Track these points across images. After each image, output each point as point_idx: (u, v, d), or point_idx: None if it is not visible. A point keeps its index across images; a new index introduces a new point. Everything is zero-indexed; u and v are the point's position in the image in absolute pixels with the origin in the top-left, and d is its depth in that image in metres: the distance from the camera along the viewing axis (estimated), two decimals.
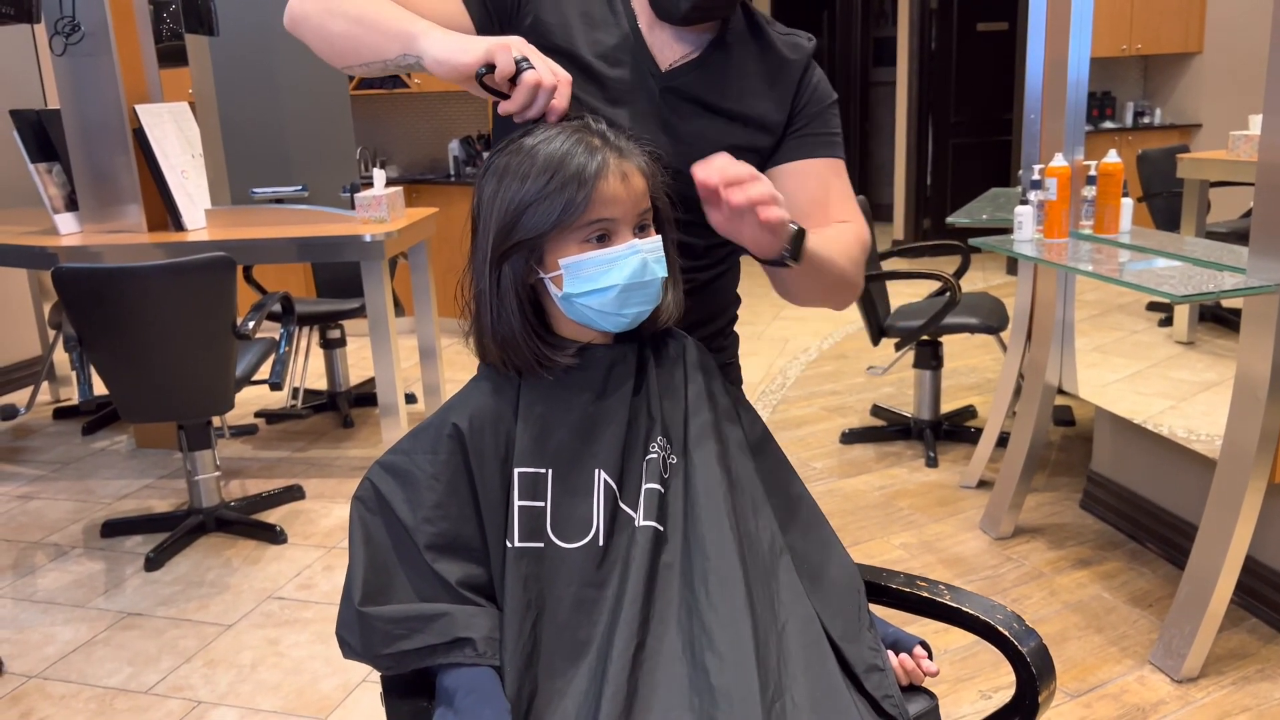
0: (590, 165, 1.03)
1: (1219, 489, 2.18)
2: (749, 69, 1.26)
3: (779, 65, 1.27)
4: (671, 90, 1.23)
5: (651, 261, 1.07)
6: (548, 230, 1.04)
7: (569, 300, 1.07)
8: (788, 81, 1.27)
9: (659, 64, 1.23)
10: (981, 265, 6.78)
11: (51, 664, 2.45)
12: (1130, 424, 2.73)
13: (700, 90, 1.23)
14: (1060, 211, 2.61)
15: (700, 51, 1.24)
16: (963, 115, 7.37)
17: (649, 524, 1.06)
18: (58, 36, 3.33)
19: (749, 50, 1.26)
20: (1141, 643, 2.36)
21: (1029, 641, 1.14)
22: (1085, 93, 2.72)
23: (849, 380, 4.49)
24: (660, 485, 1.08)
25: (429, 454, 1.09)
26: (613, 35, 1.23)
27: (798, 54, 1.29)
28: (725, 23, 1.26)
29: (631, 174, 1.06)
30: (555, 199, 1.02)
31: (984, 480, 3.26)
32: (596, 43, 1.22)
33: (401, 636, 1.03)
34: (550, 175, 1.03)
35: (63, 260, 3.12)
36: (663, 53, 1.24)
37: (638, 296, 1.07)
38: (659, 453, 1.09)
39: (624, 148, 1.07)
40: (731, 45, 1.25)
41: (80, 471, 3.73)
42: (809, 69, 1.30)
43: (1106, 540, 2.86)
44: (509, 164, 1.06)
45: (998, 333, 3.56)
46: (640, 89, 1.22)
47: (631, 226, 1.06)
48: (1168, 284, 2.13)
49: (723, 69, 1.24)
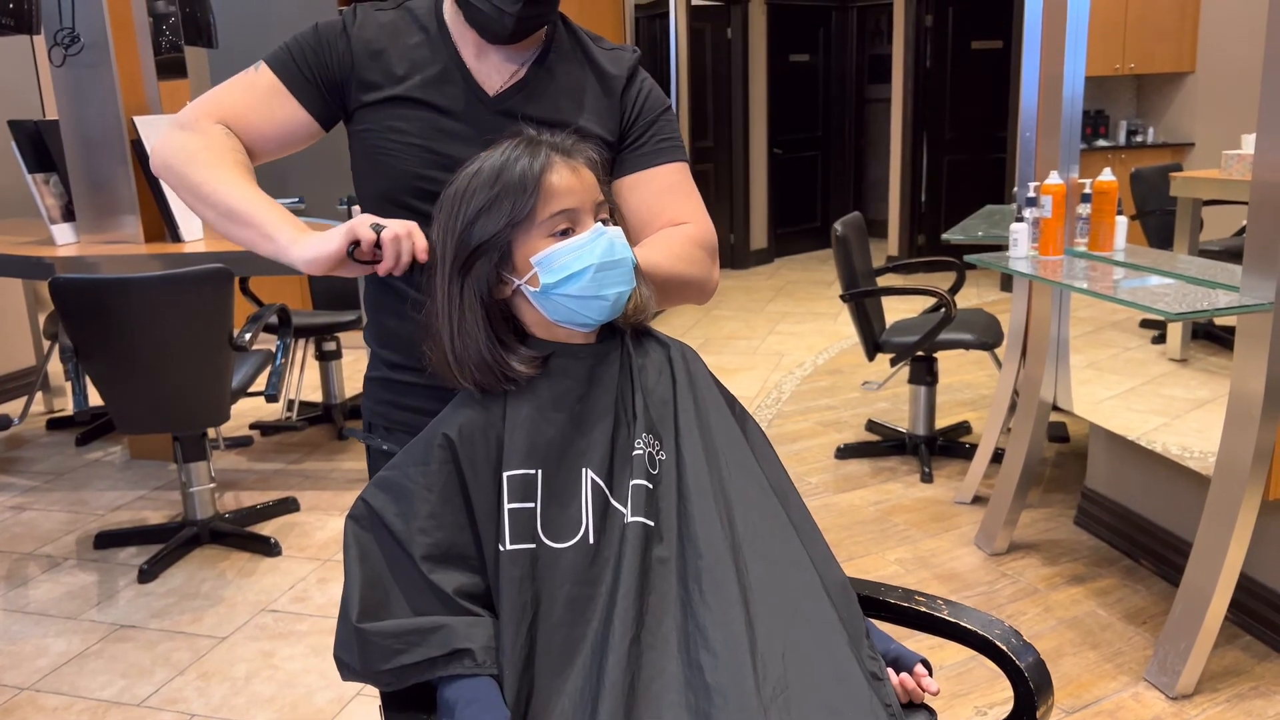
0: (534, 164, 1.08)
1: (1213, 506, 2.19)
2: (574, 84, 1.31)
3: (601, 78, 1.32)
4: (502, 113, 1.27)
5: (618, 243, 1.10)
6: (502, 229, 1.07)
7: (548, 295, 1.09)
8: (612, 95, 1.32)
9: (486, 90, 1.28)
10: (976, 281, 6.81)
11: (44, 676, 2.44)
12: (1124, 440, 2.74)
13: (530, 108, 1.27)
14: (1055, 229, 2.63)
15: (525, 72, 1.29)
16: (957, 132, 7.41)
17: (638, 519, 1.07)
18: (57, 48, 3.34)
19: (572, 66, 1.32)
20: (1136, 659, 2.36)
21: (1027, 657, 1.14)
22: (1080, 111, 2.74)
23: (844, 395, 4.50)
24: (648, 481, 1.09)
25: (420, 465, 1.09)
26: (436, 71, 1.28)
27: (619, 67, 1.34)
28: (549, 41, 1.31)
29: (579, 167, 1.10)
30: (504, 200, 1.07)
31: (979, 496, 3.27)
32: (424, 82, 1.27)
33: (400, 651, 1.03)
34: (496, 182, 1.07)
35: (59, 271, 3.12)
36: (490, 79, 1.29)
37: (613, 276, 1.10)
38: (644, 449, 1.10)
39: (568, 147, 1.11)
40: (554, 63, 1.31)
41: (74, 482, 3.71)
42: (632, 80, 1.34)
43: (1101, 557, 2.87)
44: (459, 189, 1.10)
45: (992, 349, 3.58)
46: (472, 116, 1.27)
47: (593, 215, 1.11)
48: (1162, 301, 2.15)
49: (548, 85, 1.29)
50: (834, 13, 8.27)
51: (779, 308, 6.31)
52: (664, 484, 1.10)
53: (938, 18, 7.20)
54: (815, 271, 7.71)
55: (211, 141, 1.25)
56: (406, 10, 1.33)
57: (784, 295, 6.75)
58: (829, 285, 7.04)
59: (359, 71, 1.28)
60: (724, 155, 7.70)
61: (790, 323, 5.91)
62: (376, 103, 1.28)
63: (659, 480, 1.10)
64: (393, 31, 1.30)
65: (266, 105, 1.28)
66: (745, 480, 1.14)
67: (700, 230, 1.32)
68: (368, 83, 1.28)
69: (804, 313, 6.18)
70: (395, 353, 1.34)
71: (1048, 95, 2.78)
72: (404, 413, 1.33)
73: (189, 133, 1.26)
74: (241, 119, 1.28)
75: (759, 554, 1.10)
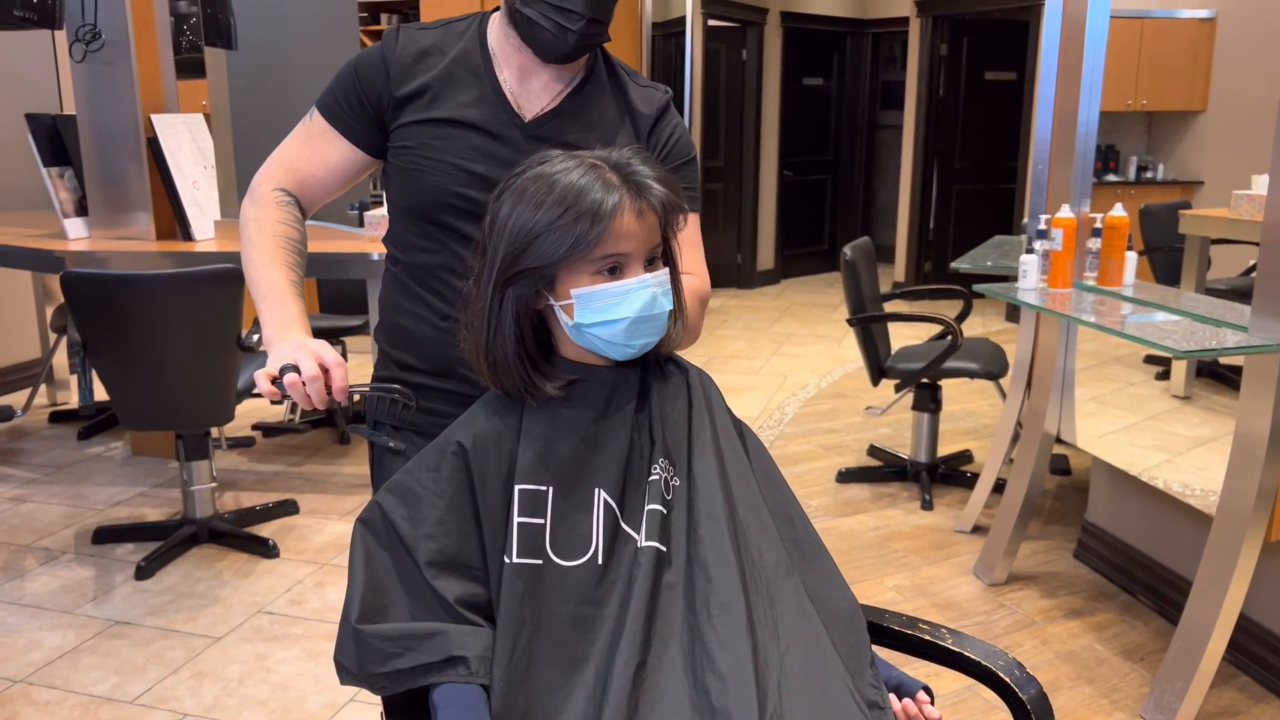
0: (607, 202, 1.05)
1: (1214, 545, 2.18)
2: (605, 115, 1.35)
3: (632, 115, 1.37)
4: (535, 137, 1.31)
5: (660, 295, 1.09)
6: (556, 261, 1.06)
7: (579, 329, 1.09)
8: (640, 134, 1.36)
9: (523, 114, 1.33)
10: (981, 311, 6.82)
11: (37, 670, 2.44)
12: (1126, 475, 2.74)
13: (563, 133, 1.32)
14: (1065, 262, 2.63)
15: (562, 99, 1.33)
16: (967, 162, 7.44)
17: (651, 544, 1.07)
18: (78, 44, 3.36)
19: (606, 98, 1.36)
20: (1132, 696, 2.35)
21: (1029, 689, 1.14)
22: (1093, 145, 2.76)
23: (847, 419, 4.50)
24: (663, 506, 1.09)
25: (432, 471, 1.10)
26: (474, 94, 1.33)
27: (649, 106, 1.37)
28: (589, 70, 1.36)
29: (646, 211, 1.08)
30: (568, 232, 1.04)
31: (979, 525, 3.26)
32: (461, 104, 1.32)
33: (395, 655, 1.03)
34: (565, 208, 1.04)
35: (70, 264, 3.13)
36: (528, 103, 1.33)
37: (646, 329, 1.09)
38: (661, 474, 1.10)
39: (641, 185, 1.08)
40: (591, 93, 1.35)
41: (74, 476, 3.71)
42: (661, 121, 1.38)
43: (1099, 591, 2.86)
44: (526, 188, 1.08)
45: (997, 379, 3.58)
46: (507, 139, 1.31)
47: (642, 260, 1.08)
48: (1170, 339, 2.15)
49: (582, 115, 1.34)
50: (849, 38, 8.31)
51: (784, 329, 6.32)
52: (676, 510, 1.10)
53: (952, 47, 7.24)
54: (821, 294, 7.72)
55: (262, 215, 1.36)
56: (449, 29, 1.37)
57: (789, 316, 6.75)
58: (834, 308, 7.05)
59: (397, 92, 1.32)
60: (734, 175, 7.73)
61: (795, 344, 5.91)
62: (414, 123, 1.32)
63: (672, 506, 1.10)
64: (433, 53, 1.34)
65: (320, 152, 1.38)
66: (750, 510, 1.15)
67: (704, 285, 1.37)
68: (406, 102, 1.32)
69: (809, 335, 6.19)
70: (407, 353, 1.37)
71: (1061, 129, 2.79)
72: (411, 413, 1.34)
73: (251, 204, 1.39)
74: (299, 171, 1.39)
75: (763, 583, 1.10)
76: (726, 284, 7.89)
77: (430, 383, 1.33)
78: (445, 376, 1.32)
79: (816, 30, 8.06)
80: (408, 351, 1.38)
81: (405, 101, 1.33)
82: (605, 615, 1.05)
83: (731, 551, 1.08)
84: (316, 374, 1.14)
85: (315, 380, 1.13)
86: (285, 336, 1.22)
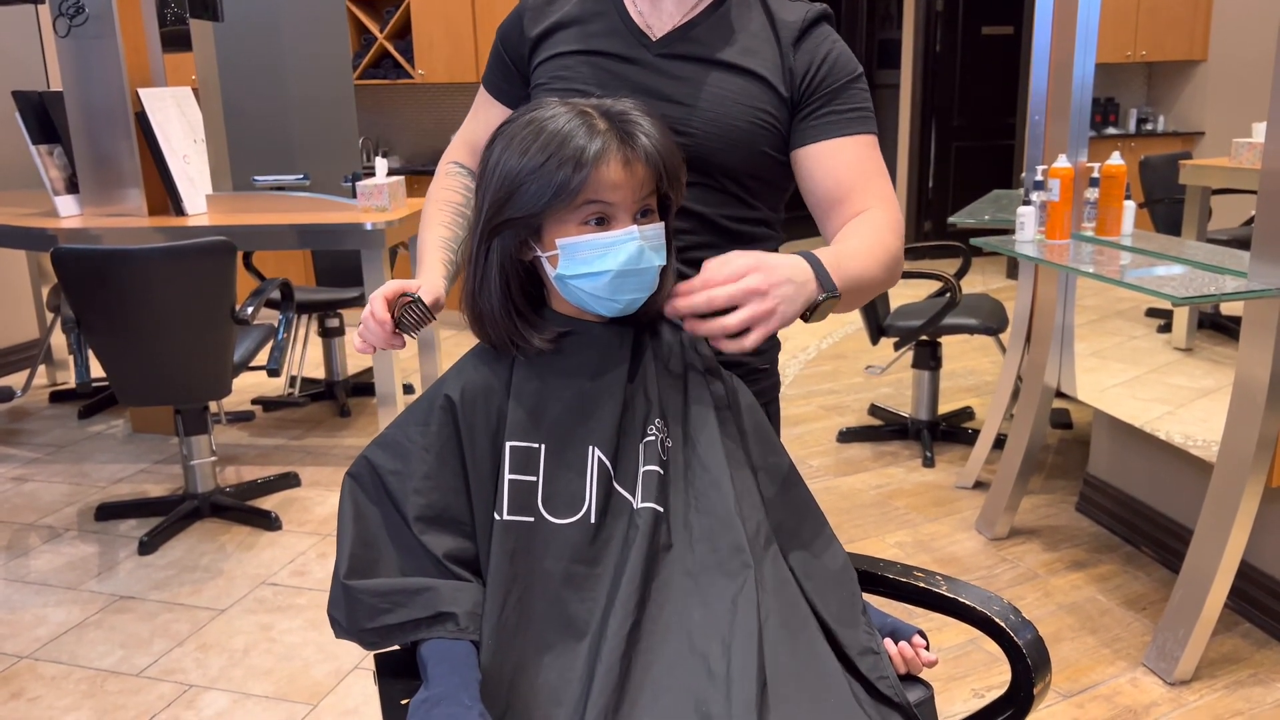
0: (589, 149, 1.01)
1: (1215, 493, 2.18)
2: (749, 28, 1.26)
3: (775, 25, 1.26)
4: (666, 56, 1.24)
5: (649, 249, 1.06)
6: (539, 210, 1.03)
7: (562, 281, 1.07)
8: (784, 44, 1.25)
9: (651, 34, 1.26)
10: (981, 269, 6.79)
11: (43, 645, 2.45)
12: (1128, 428, 2.73)
13: (696, 49, 1.24)
14: (1062, 213, 2.61)
15: (695, 15, 1.26)
16: (966, 119, 7.37)
17: (649, 505, 1.06)
18: (61, 18, 3.32)
19: (750, 12, 1.28)
20: (1135, 645, 2.36)
21: (1025, 633, 1.13)
22: (1090, 96, 2.72)
23: (847, 380, 4.49)
24: (659, 467, 1.08)
25: (420, 426, 1.09)
26: (603, 25, 1.28)
27: (794, 15, 1.27)
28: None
29: (634, 161, 1.03)
30: (549, 179, 1.01)
31: (980, 481, 3.26)
32: (587, 33, 1.28)
33: (385, 610, 1.03)
34: (548, 155, 1.02)
35: (62, 242, 3.12)
36: (659, 22, 1.27)
37: (631, 283, 1.06)
38: (656, 435, 1.09)
39: (632, 133, 1.04)
40: (730, 10, 1.27)
41: (76, 455, 3.72)
42: (811, 33, 1.26)
43: (1102, 543, 2.86)
44: (515, 134, 1.06)
45: (997, 334, 3.56)
46: (637, 60, 1.25)
47: (633, 213, 1.05)
48: (1169, 287, 2.13)
49: (719, 26, 1.26)
50: None
51: None
52: (673, 470, 1.09)
53: (948, 2, 7.15)
54: None
55: (433, 188, 1.40)
56: None
57: None
58: None
59: (531, 34, 1.32)
60: None
61: None
62: (546, 59, 1.31)
63: (667, 466, 1.09)
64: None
65: (485, 121, 1.38)
66: (738, 473, 1.14)
67: (894, 214, 1.22)
68: (540, 42, 1.32)
69: None
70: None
71: (1058, 80, 2.76)
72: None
73: (435, 177, 1.43)
74: (469, 143, 1.42)
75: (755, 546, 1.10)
76: None
77: None
78: None
79: None
80: None
81: (539, 42, 1.32)
82: (599, 574, 1.05)
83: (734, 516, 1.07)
84: (366, 316, 1.15)
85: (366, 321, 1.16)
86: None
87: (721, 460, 1.10)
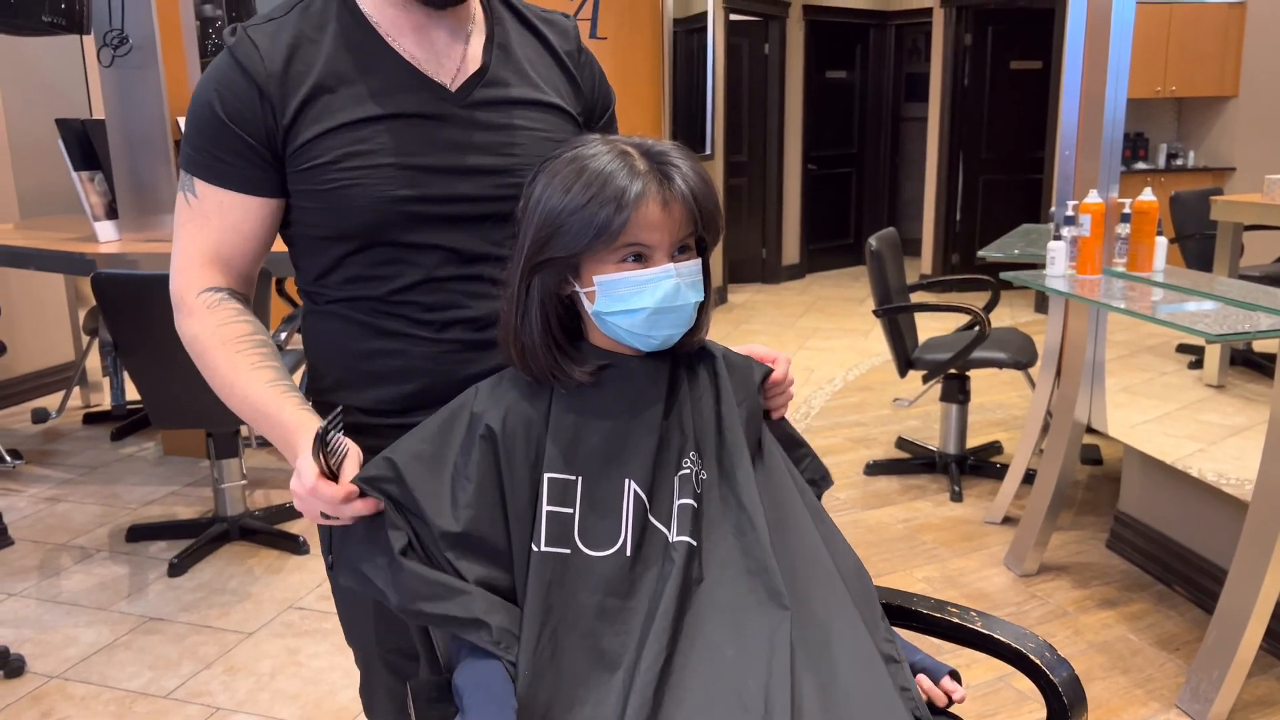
0: (630, 190, 1.03)
1: (1250, 533, 2.15)
2: (528, 54, 1.24)
3: (552, 52, 1.26)
4: (472, 105, 1.17)
5: (685, 286, 1.08)
6: (580, 250, 1.05)
7: (600, 317, 1.08)
8: (566, 70, 1.27)
9: (445, 84, 1.17)
10: (1010, 302, 6.76)
11: (73, 665, 2.47)
12: (1160, 464, 2.70)
13: (497, 92, 1.18)
14: (1094, 248, 2.60)
15: (481, 56, 1.19)
16: (993, 152, 7.38)
17: (683, 539, 1.06)
18: (106, 48, 3.40)
19: (521, 40, 1.24)
20: (1168, 686, 2.32)
21: (1061, 671, 1.13)
22: (1121, 131, 2.72)
23: (874, 412, 4.47)
24: (694, 500, 1.09)
25: (462, 454, 1.09)
26: (378, 79, 1.14)
27: (567, 40, 1.28)
28: (489, 13, 1.22)
29: (673, 202, 1.06)
30: (591, 219, 1.03)
31: (1009, 516, 3.23)
32: (372, 92, 1.13)
33: (426, 598, 1.03)
34: (591, 195, 1.03)
35: (101, 267, 3.17)
36: (442, 69, 1.17)
37: (668, 320, 1.08)
38: (692, 468, 1.10)
39: (670, 175, 1.06)
40: (506, 41, 1.22)
41: (108, 476, 3.76)
42: (582, 52, 1.30)
43: (1133, 581, 2.83)
44: (558, 170, 1.07)
45: (1026, 368, 3.55)
46: (442, 116, 1.15)
47: (669, 251, 1.07)
48: (1202, 323, 2.12)
49: (506, 61, 1.21)
50: (872, 30, 8.26)
51: (810, 323, 6.29)
52: (707, 504, 1.10)
53: (977, 37, 7.18)
54: (847, 288, 7.68)
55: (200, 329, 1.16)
56: (303, 10, 1.15)
57: (815, 311, 6.72)
58: (861, 302, 7.01)
59: (285, 110, 1.11)
60: (758, 170, 7.70)
61: (821, 338, 5.89)
62: (320, 135, 1.12)
63: (702, 499, 1.10)
64: (301, 45, 1.13)
65: (226, 225, 1.15)
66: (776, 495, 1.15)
67: None
68: (298, 116, 1.12)
69: (835, 328, 6.16)
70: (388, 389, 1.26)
71: (1088, 115, 2.76)
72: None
73: (185, 322, 1.18)
74: (216, 257, 1.17)
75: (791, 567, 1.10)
76: (751, 279, 7.87)
77: (414, 420, 1.15)
78: (436, 404, 1.15)
79: (839, 23, 8.01)
80: (389, 387, 1.22)
81: (297, 115, 1.11)
82: (633, 608, 1.05)
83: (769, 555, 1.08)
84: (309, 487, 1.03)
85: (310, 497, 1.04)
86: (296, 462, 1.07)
87: (756, 497, 1.11)
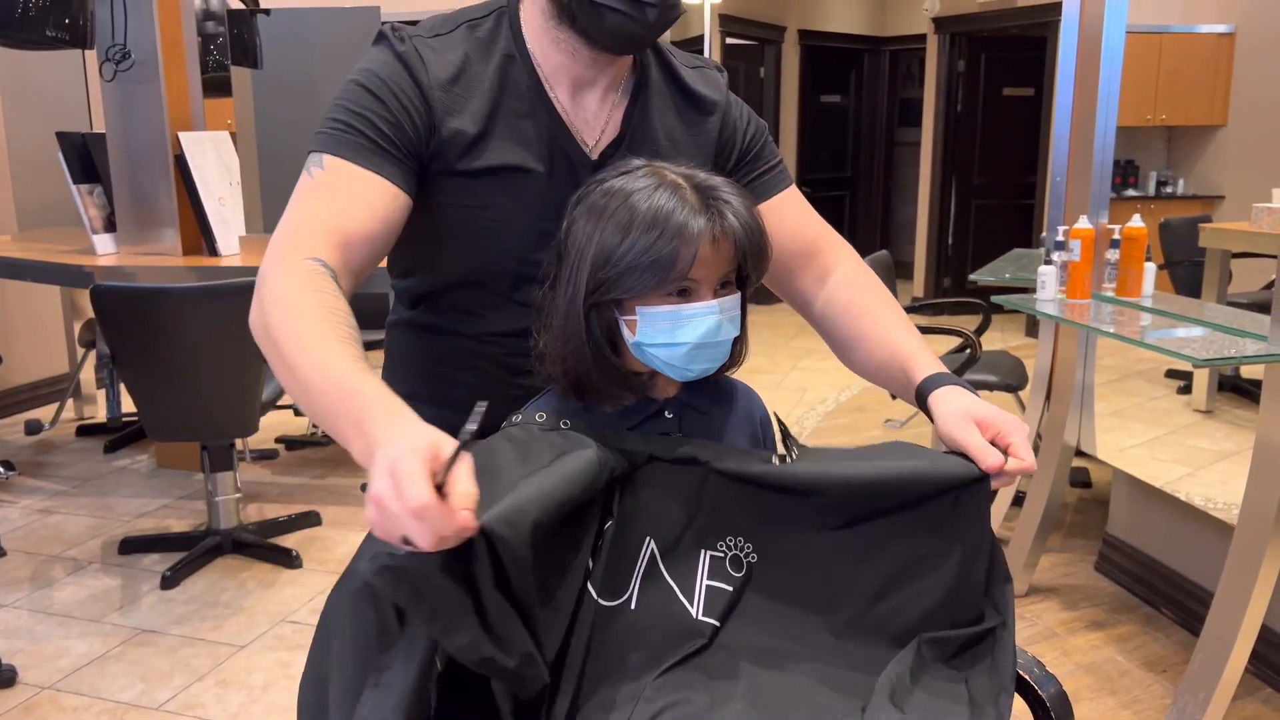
0: (691, 227, 1.01)
1: (1236, 556, 2.17)
2: (671, 125, 1.20)
3: (695, 104, 1.22)
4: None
5: (726, 322, 1.06)
6: (646, 291, 1.03)
7: (639, 347, 1.07)
8: (708, 123, 1.22)
9: (586, 146, 1.15)
10: (1000, 326, 6.80)
11: (65, 676, 2.47)
12: (1148, 488, 2.73)
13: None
14: (1083, 273, 2.64)
15: (621, 121, 1.17)
16: (986, 177, 7.44)
17: (708, 620, 1.05)
18: (108, 63, 3.43)
19: (665, 102, 1.21)
20: (1155, 708, 2.34)
21: (1049, 687, 1.14)
22: (1111, 158, 2.76)
23: (867, 433, 4.50)
24: (727, 584, 1.07)
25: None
26: (532, 129, 1.12)
27: (714, 90, 1.24)
28: (643, 72, 1.19)
29: (722, 239, 1.04)
30: (654, 259, 1.01)
31: (998, 538, 3.25)
32: (523, 141, 1.11)
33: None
34: (655, 235, 1.01)
35: (98, 279, 3.19)
36: (588, 128, 1.15)
37: (706, 354, 1.07)
38: (727, 551, 1.08)
39: (722, 212, 1.04)
40: (651, 103, 1.19)
41: (101, 488, 3.76)
42: (731, 104, 1.25)
43: (1121, 603, 2.85)
44: (606, 206, 1.04)
45: (1016, 391, 3.58)
46: (576, 180, 1.12)
47: (714, 286, 1.06)
48: (1189, 348, 2.15)
49: (647, 134, 1.18)
50: (867, 55, 8.35)
51: (803, 344, 6.32)
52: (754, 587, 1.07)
53: (970, 63, 7.26)
54: None
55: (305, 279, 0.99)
56: (471, 35, 1.12)
57: (808, 332, 6.71)
58: None
59: (442, 129, 1.08)
60: None
61: (814, 359, 5.91)
62: (468, 173, 1.10)
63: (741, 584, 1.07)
64: (466, 72, 1.10)
65: (358, 199, 1.04)
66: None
67: (863, 263, 1.31)
68: (449, 143, 1.09)
69: (827, 350, 6.16)
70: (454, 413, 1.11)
71: (1079, 142, 2.80)
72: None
73: (277, 266, 1.01)
74: (337, 229, 1.03)
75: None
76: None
77: None
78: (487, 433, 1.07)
79: (834, 48, 8.09)
80: (455, 412, 0.96)
81: (449, 142, 1.08)
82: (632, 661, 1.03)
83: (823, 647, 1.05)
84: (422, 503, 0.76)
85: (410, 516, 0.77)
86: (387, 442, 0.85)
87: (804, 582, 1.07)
